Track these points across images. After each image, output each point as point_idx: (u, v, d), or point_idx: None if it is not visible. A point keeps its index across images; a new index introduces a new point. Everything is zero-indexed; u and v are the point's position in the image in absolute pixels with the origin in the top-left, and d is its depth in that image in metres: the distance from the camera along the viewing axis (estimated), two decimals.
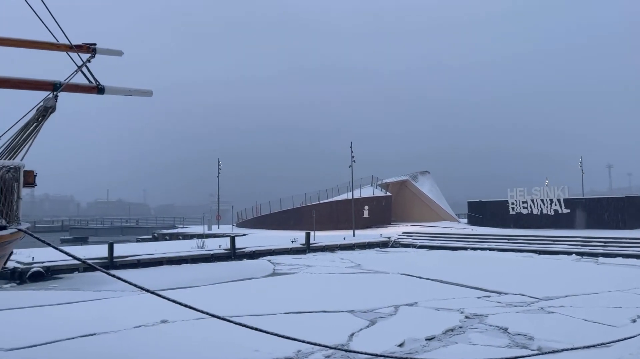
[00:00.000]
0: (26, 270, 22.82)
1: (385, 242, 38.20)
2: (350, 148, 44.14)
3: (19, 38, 7.78)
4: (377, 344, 9.73)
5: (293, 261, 28.27)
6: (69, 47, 7.87)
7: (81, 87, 8.13)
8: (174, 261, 28.11)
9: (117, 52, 8.70)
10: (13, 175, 6.70)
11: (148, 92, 8.94)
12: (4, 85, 7.33)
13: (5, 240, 6.19)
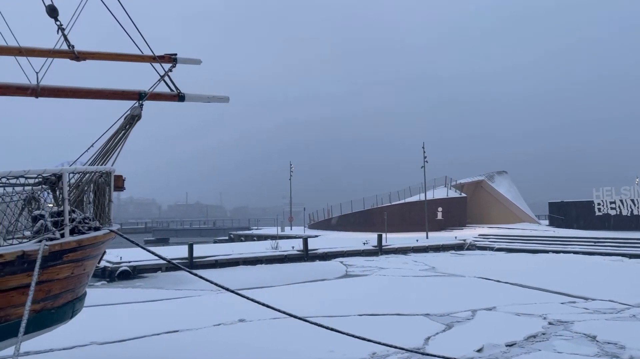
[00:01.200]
0: (115, 269, 24.35)
1: (460, 245, 37.16)
2: (423, 148, 43.40)
3: (109, 52, 8.31)
4: (454, 348, 9.49)
5: (365, 263, 28.17)
6: (153, 58, 8.30)
7: (163, 95, 8.55)
8: (250, 262, 28.90)
9: (196, 60, 9.08)
10: (105, 179, 7.17)
11: (225, 98, 9.24)
12: (97, 96, 7.87)
13: (99, 240, 6.64)
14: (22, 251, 5.50)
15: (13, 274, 5.45)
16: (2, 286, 5.39)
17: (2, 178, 5.68)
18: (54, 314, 6.10)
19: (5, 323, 5.46)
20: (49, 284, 5.85)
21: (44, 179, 6.18)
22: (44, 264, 5.56)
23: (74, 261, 6.20)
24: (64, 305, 6.26)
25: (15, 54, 7.26)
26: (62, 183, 6.13)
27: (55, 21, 7.45)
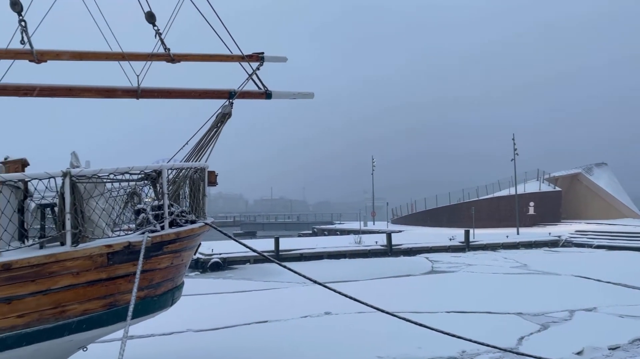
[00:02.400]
0: (207, 261, 25.60)
1: (554, 241, 35.11)
2: (513, 140, 41.45)
3: (202, 53, 8.69)
4: (551, 350, 8.99)
5: (452, 259, 27.46)
6: (241, 58, 8.58)
7: (251, 93, 8.80)
8: (334, 256, 29.19)
9: (282, 58, 9.26)
10: (200, 175, 7.53)
11: (310, 94, 9.36)
12: (190, 95, 8.27)
13: (195, 233, 7.00)
14: (128, 242, 5.93)
15: (121, 263, 5.89)
16: (111, 274, 5.84)
17: (110, 174, 6.14)
18: (155, 302, 6.52)
19: (114, 308, 5.92)
20: (151, 273, 6.26)
21: (146, 175, 6.59)
22: (146, 254, 5.94)
23: (173, 252, 6.59)
24: (165, 293, 6.68)
25: (119, 59, 7.80)
26: (162, 179, 6.52)
27: (153, 26, 7.90)
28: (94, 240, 5.90)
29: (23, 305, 5.30)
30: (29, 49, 7.21)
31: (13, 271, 5.21)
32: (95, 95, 7.93)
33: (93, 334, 6.03)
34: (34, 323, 5.36)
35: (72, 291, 5.58)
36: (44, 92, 7.55)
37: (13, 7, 6.99)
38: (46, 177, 5.68)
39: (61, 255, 5.47)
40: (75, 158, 6.83)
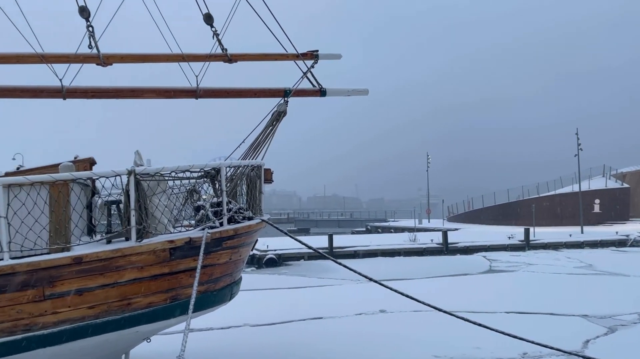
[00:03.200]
0: (262, 257, 26.05)
1: (622, 241, 33.31)
2: (576, 134, 39.62)
3: (257, 53, 8.82)
4: (620, 354, 8.54)
5: (511, 258, 26.60)
6: (296, 56, 8.64)
7: (306, 91, 8.85)
8: (388, 254, 28.96)
9: (336, 55, 9.25)
10: (256, 173, 7.66)
11: (364, 91, 9.30)
12: (247, 95, 8.41)
13: (252, 229, 7.13)
14: (189, 237, 6.11)
15: (182, 258, 6.09)
16: (173, 268, 6.05)
17: (172, 172, 6.35)
18: (215, 296, 6.69)
19: (176, 301, 6.12)
20: (211, 268, 6.43)
21: (205, 173, 6.77)
22: (206, 250, 6.11)
23: (231, 248, 6.74)
24: (224, 288, 6.84)
25: (178, 60, 8.04)
26: (221, 177, 6.68)
27: (211, 28, 8.09)
28: (156, 235, 6.13)
29: (93, 297, 5.58)
30: (96, 53, 7.54)
31: (84, 265, 5.49)
32: (157, 96, 8.21)
33: (156, 327, 6.26)
34: (102, 314, 5.64)
35: (137, 284, 5.82)
36: (109, 93, 7.90)
37: (81, 13, 7.34)
38: (112, 175, 5.95)
39: (127, 250, 5.72)
40: (139, 157, 7.09)
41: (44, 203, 5.63)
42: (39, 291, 5.32)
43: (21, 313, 5.26)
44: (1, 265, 5.20)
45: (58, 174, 5.76)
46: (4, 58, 7.44)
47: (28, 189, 5.55)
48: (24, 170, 7.13)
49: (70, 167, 6.39)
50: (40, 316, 5.34)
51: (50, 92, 7.53)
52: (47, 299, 5.36)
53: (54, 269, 5.37)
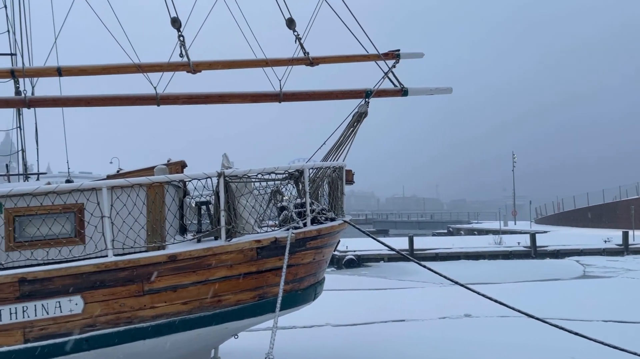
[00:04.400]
0: (342, 257, 26.18)
1: None
2: None
3: (339, 55, 8.88)
4: None
5: (607, 263, 24.84)
6: (377, 56, 8.60)
7: (387, 91, 8.77)
8: (471, 257, 28.09)
9: (419, 54, 9.10)
10: (338, 174, 7.71)
11: (448, 89, 9.07)
12: (328, 97, 8.49)
13: (335, 230, 7.19)
14: (275, 237, 6.28)
15: (268, 257, 6.27)
16: (260, 267, 6.24)
17: (258, 174, 6.56)
18: (300, 296, 6.82)
19: (263, 299, 6.31)
20: (295, 268, 6.56)
21: (289, 174, 6.92)
22: (291, 250, 6.24)
23: (315, 248, 6.83)
24: (308, 288, 6.96)
25: (262, 66, 8.28)
26: (304, 178, 6.79)
27: (293, 32, 8.25)
28: (244, 235, 6.36)
29: (186, 293, 5.88)
30: (187, 61, 7.94)
31: (178, 263, 5.81)
32: (242, 101, 8.50)
33: (244, 324, 6.49)
34: (195, 310, 5.93)
35: (227, 282, 6.07)
36: (199, 99, 8.29)
37: (173, 24, 7.76)
38: (204, 177, 6.25)
39: (217, 249, 5.98)
40: (226, 159, 7.38)
41: (142, 204, 6.01)
42: (139, 287, 5.70)
43: (123, 307, 5.65)
44: (106, 261, 5.62)
45: (155, 176, 6.13)
46: (106, 69, 8.02)
47: (128, 191, 5.96)
48: (123, 173, 7.63)
49: (164, 169, 6.75)
50: (140, 310, 5.71)
51: (146, 99, 8.01)
52: (146, 294, 5.72)
53: (151, 266, 5.73)
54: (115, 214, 5.86)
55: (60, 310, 5.46)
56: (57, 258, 5.69)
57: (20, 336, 5.35)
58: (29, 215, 5.74)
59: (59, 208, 5.80)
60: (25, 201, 5.71)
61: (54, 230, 5.77)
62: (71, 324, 5.49)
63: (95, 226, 5.81)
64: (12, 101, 8.03)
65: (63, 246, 5.75)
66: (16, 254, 5.65)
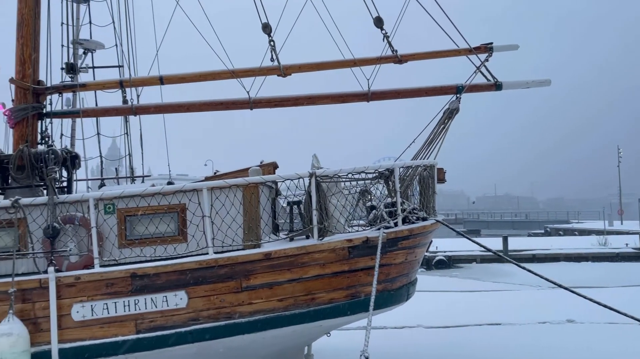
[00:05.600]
0: (432, 258, 25.65)
1: None
2: None
3: (428, 51, 8.70)
4: None
5: None
6: (469, 51, 8.33)
7: (480, 86, 8.47)
8: (572, 258, 26.39)
9: (513, 46, 8.69)
10: (429, 172, 7.56)
11: (546, 81, 8.59)
12: (418, 94, 8.34)
13: (427, 230, 7.06)
14: (366, 237, 6.30)
15: (360, 256, 6.29)
16: (352, 266, 6.28)
17: (348, 173, 6.60)
18: (392, 296, 6.77)
19: (355, 299, 6.34)
20: (387, 268, 6.52)
21: (379, 174, 6.90)
22: (382, 249, 6.21)
23: (406, 249, 6.75)
24: (400, 288, 6.89)
25: (350, 66, 8.31)
26: (394, 177, 6.73)
27: (381, 30, 8.21)
28: (335, 234, 6.43)
29: (281, 290, 6.06)
30: (277, 65, 8.16)
31: (273, 261, 6.00)
32: (331, 101, 8.58)
33: (337, 322, 6.56)
34: (291, 307, 6.09)
35: (320, 280, 6.17)
36: (289, 101, 8.48)
37: (264, 29, 8.02)
38: (296, 177, 6.41)
39: (310, 248, 6.10)
40: (316, 160, 7.49)
41: (240, 204, 6.28)
42: (237, 283, 5.95)
43: (223, 302, 5.93)
44: (207, 258, 5.93)
45: (251, 177, 6.37)
46: (202, 76, 8.44)
47: (226, 191, 6.24)
48: (220, 175, 7.99)
49: (258, 171, 6.99)
50: (239, 306, 5.96)
51: (240, 103, 8.33)
52: (244, 291, 5.97)
53: (249, 263, 5.97)
54: (215, 213, 6.16)
55: (167, 304, 5.84)
56: (163, 255, 6.09)
57: (133, 328, 5.78)
58: (138, 214, 6.20)
59: (164, 208, 6.22)
60: (135, 202, 6.17)
61: (160, 229, 6.19)
62: (177, 318, 5.85)
63: (197, 225, 6.15)
64: (121, 109, 8.70)
65: (168, 244, 6.15)
66: (127, 251, 6.12)
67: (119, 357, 5.77)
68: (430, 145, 8.20)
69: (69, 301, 5.72)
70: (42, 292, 5.67)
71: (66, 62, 9.56)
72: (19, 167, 6.83)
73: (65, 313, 5.70)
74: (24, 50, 7.53)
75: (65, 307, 5.69)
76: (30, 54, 7.56)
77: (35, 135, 7.61)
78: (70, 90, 8.54)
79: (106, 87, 8.58)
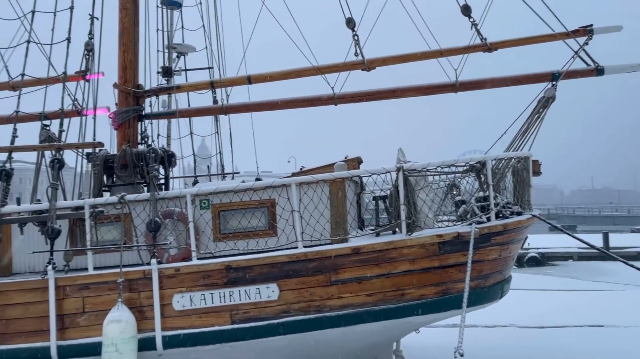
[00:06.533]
0: (523, 255, 24.45)
1: None
2: None
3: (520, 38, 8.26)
4: None
5: None
6: (565, 34, 7.82)
7: (579, 72, 7.94)
8: None
9: (616, 28, 8.04)
10: (523, 165, 7.20)
11: None
12: (511, 82, 7.96)
13: (522, 225, 6.73)
14: (457, 232, 6.11)
15: (451, 252, 6.12)
16: (443, 262, 6.13)
17: (437, 167, 6.44)
18: (485, 293, 6.53)
19: (446, 295, 6.18)
20: (480, 264, 6.29)
21: (470, 167, 6.66)
22: (474, 245, 6.01)
23: (500, 244, 6.48)
24: (494, 285, 6.63)
25: (436, 57, 8.09)
26: (486, 170, 6.47)
27: (469, 19, 7.92)
28: (423, 229, 6.30)
29: (370, 285, 6.04)
30: (361, 60, 8.12)
31: (361, 255, 6.00)
32: (416, 94, 8.40)
33: (428, 319, 6.43)
34: (380, 303, 6.06)
35: (409, 276, 6.08)
36: (374, 95, 8.42)
37: (348, 24, 8.01)
38: (383, 172, 6.35)
39: (399, 243, 6.03)
40: (402, 154, 7.38)
41: (327, 199, 6.33)
42: (326, 277, 6.01)
43: (313, 296, 6.01)
44: (297, 252, 6.04)
45: (338, 172, 6.40)
46: (288, 74, 8.59)
47: (314, 186, 6.32)
48: (306, 170, 8.11)
49: (343, 166, 7.01)
50: (328, 300, 6.02)
51: (324, 100, 8.39)
52: (333, 285, 6.01)
53: (337, 258, 6.00)
54: (303, 208, 6.26)
55: (260, 296, 6.02)
56: (255, 249, 6.29)
57: (228, 318, 6.02)
58: (231, 209, 6.45)
59: (255, 203, 6.42)
60: (228, 197, 6.41)
61: (252, 223, 6.39)
62: (269, 310, 6.02)
63: (287, 219, 6.29)
64: (212, 109, 9.08)
65: (259, 237, 6.34)
66: (222, 244, 6.38)
67: (215, 345, 6.02)
68: (525, 136, 7.81)
69: (169, 291, 6.06)
70: (146, 282, 6.06)
71: (162, 66, 10.12)
72: (122, 165, 7.34)
73: (167, 302, 6.05)
74: (125, 57, 8.06)
75: (166, 297, 6.04)
76: (131, 60, 8.08)
77: (136, 135, 8.14)
78: (166, 92, 9.03)
79: (198, 88, 9.00)
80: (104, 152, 7.61)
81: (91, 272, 6.16)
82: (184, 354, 6.01)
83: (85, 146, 7.34)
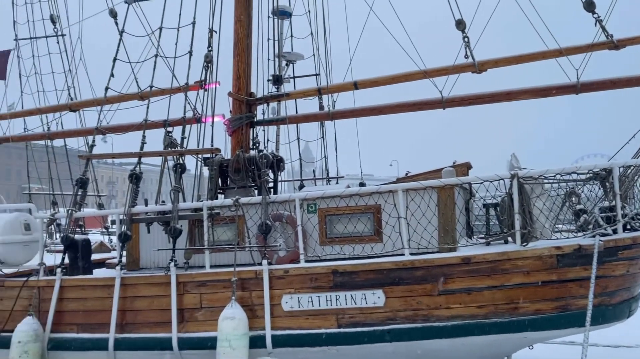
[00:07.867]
0: None
1: None
2: None
3: None
4: None
5: None
6: None
7: None
8: None
9: None
10: None
11: None
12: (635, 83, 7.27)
13: None
14: (579, 245, 5.68)
15: (570, 266, 5.70)
16: (561, 276, 5.72)
17: (556, 174, 6.04)
18: (610, 311, 6.00)
19: (565, 312, 5.77)
20: (604, 280, 5.80)
21: (594, 174, 6.18)
22: (598, 259, 5.56)
23: (629, 259, 5.92)
24: (620, 303, 6.06)
25: (556, 56, 7.58)
26: (613, 178, 5.96)
27: (592, 14, 7.36)
28: (539, 240, 5.93)
29: (481, 297, 5.80)
30: (472, 62, 7.84)
31: (472, 265, 5.78)
32: (533, 96, 7.94)
33: (544, 335, 6.05)
34: (491, 315, 5.79)
35: (524, 289, 5.75)
36: (485, 99, 8.08)
37: (458, 26, 7.79)
38: (496, 179, 6.08)
39: (513, 254, 5.74)
40: (515, 160, 7.01)
41: (435, 206, 6.19)
42: (434, 286, 5.87)
43: (420, 304, 5.90)
44: (403, 259, 5.97)
45: (447, 179, 6.24)
46: (395, 79, 8.51)
47: (421, 193, 6.21)
48: (412, 176, 8.00)
49: (452, 171, 6.81)
50: (436, 309, 5.87)
51: (432, 103, 8.21)
52: (441, 295, 5.86)
53: (446, 267, 5.84)
54: (410, 215, 6.17)
55: (366, 302, 6.02)
56: (361, 254, 6.31)
57: (335, 321, 6.10)
58: (337, 214, 6.53)
59: (360, 208, 6.45)
60: (335, 202, 6.51)
61: (358, 228, 6.43)
62: (375, 316, 6.00)
63: (393, 226, 6.24)
64: (319, 115, 9.27)
65: (365, 243, 6.36)
66: (328, 248, 6.49)
67: (322, 348, 6.12)
68: None
69: (279, 292, 6.26)
70: (257, 282, 6.32)
71: (272, 74, 10.53)
72: (236, 169, 7.74)
73: (276, 302, 6.25)
74: (239, 66, 8.50)
75: (276, 297, 6.25)
76: (244, 69, 8.50)
77: (248, 141, 8.55)
78: (276, 99, 9.37)
79: (307, 95, 9.22)
80: (219, 156, 8.06)
81: (208, 270, 6.55)
82: (291, 354, 6.17)
83: (204, 151, 7.82)
